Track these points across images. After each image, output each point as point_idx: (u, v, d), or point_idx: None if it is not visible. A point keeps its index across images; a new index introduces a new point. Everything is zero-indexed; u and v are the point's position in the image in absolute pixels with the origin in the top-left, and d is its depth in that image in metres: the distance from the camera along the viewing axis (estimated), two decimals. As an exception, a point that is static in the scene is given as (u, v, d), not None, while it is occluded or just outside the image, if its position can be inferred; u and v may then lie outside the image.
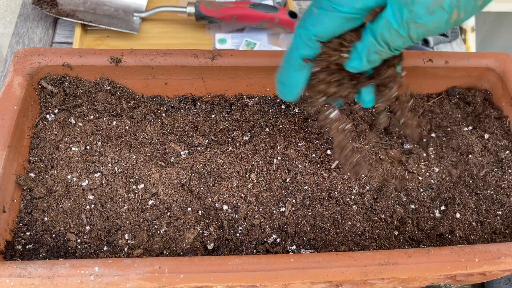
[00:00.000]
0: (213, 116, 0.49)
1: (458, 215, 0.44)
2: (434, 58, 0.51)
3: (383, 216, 0.43)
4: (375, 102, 0.41)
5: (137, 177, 0.43)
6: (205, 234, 0.40)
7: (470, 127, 0.51)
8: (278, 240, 0.41)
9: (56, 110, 0.46)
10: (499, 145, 0.49)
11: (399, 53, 0.36)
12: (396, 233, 0.42)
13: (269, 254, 0.37)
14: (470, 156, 0.48)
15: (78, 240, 0.39)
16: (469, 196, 0.45)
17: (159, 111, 0.49)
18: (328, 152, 0.46)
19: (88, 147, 0.44)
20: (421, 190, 0.45)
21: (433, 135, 0.50)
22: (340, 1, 0.34)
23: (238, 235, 0.41)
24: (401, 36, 0.34)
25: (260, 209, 0.42)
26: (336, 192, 0.44)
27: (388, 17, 0.34)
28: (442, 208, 0.44)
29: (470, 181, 0.46)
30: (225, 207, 0.42)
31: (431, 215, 0.44)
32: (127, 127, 0.46)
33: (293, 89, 0.39)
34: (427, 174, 0.46)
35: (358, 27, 0.35)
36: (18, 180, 0.41)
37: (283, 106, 0.51)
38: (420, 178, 0.46)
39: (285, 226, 0.42)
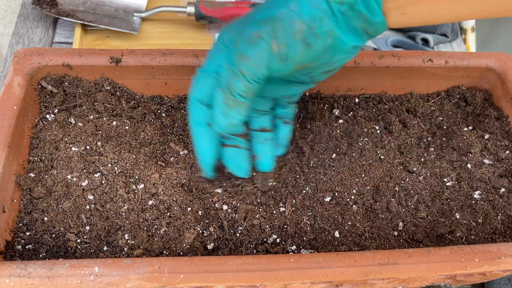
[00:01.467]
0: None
1: (458, 215, 0.44)
2: (434, 58, 0.51)
3: (383, 216, 0.43)
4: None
5: (137, 177, 0.43)
6: (205, 234, 0.40)
7: (470, 127, 0.51)
8: (278, 240, 0.41)
9: (56, 110, 0.46)
10: (499, 145, 0.49)
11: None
12: (396, 233, 0.42)
13: (269, 254, 0.37)
14: (470, 156, 0.48)
15: (78, 240, 0.39)
16: (469, 196, 0.45)
17: (159, 111, 0.49)
18: (332, 155, 0.46)
19: (88, 147, 0.44)
20: (421, 190, 0.45)
21: (433, 135, 0.50)
22: None
23: (238, 235, 0.41)
24: (235, 74, 0.34)
25: (260, 209, 0.42)
26: (336, 192, 0.44)
27: (224, 59, 0.35)
28: (442, 208, 0.44)
29: (470, 181, 0.46)
30: (225, 207, 0.42)
31: (431, 215, 0.44)
32: (127, 127, 0.46)
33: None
34: (428, 174, 0.46)
35: None
36: (18, 180, 0.41)
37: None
38: (420, 178, 0.46)
39: (285, 226, 0.42)
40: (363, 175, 0.45)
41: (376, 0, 0.34)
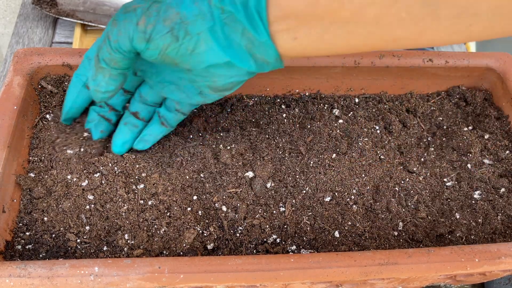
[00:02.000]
0: (213, 116, 0.49)
1: (458, 215, 0.44)
2: (434, 58, 0.51)
3: (383, 216, 0.43)
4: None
5: (136, 177, 0.43)
6: (205, 234, 0.40)
7: (470, 127, 0.51)
8: (278, 240, 0.41)
9: (56, 110, 0.46)
10: (499, 145, 0.49)
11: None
12: (396, 233, 0.42)
13: (269, 254, 0.37)
14: (470, 156, 0.48)
15: (78, 240, 0.39)
16: (469, 196, 0.45)
17: (159, 111, 0.49)
18: (332, 155, 0.46)
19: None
20: (421, 190, 0.45)
21: (433, 135, 0.50)
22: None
23: (238, 235, 0.41)
24: (104, 38, 0.34)
25: (260, 209, 0.42)
26: (336, 192, 0.44)
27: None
28: (442, 208, 0.44)
29: (470, 181, 0.46)
30: (224, 207, 0.42)
31: (431, 215, 0.44)
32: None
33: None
34: (428, 174, 0.46)
35: None
36: (18, 180, 0.40)
37: (283, 106, 0.50)
38: (420, 178, 0.46)
39: (285, 226, 0.41)
40: (363, 175, 0.45)
41: (259, 13, 0.32)
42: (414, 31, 0.31)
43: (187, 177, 0.43)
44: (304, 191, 0.44)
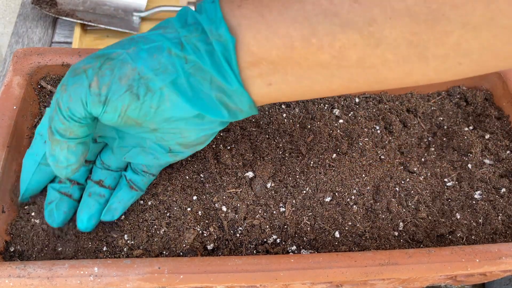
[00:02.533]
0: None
1: (458, 215, 0.44)
2: (435, 58, 0.51)
3: (383, 216, 0.43)
4: None
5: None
6: (205, 235, 0.40)
7: (471, 127, 0.51)
8: (278, 240, 0.41)
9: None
10: (500, 145, 0.49)
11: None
12: (396, 233, 0.42)
13: (269, 255, 0.37)
14: (470, 156, 0.48)
15: (78, 241, 0.39)
16: (470, 196, 0.45)
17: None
18: (332, 155, 0.46)
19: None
20: (422, 190, 0.45)
21: (433, 135, 0.50)
22: None
23: (238, 235, 0.41)
24: (55, 107, 0.31)
25: (260, 210, 0.42)
26: (336, 193, 0.44)
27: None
28: (443, 208, 0.44)
29: (471, 181, 0.46)
30: (224, 207, 0.42)
31: (432, 215, 0.44)
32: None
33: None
34: (428, 174, 0.46)
35: None
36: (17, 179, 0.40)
37: (283, 106, 0.50)
38: (421, 178, 0.46)
39: (285, 227, 0.41)
40: (363, 175, 0.45)
41: (228, 60, 0.29)
42: (401, 72, 0.29)
43: (187, 177, 0.43)
44: (304, 191, 0.43)
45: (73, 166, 0.33)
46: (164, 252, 0.39)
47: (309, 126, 0.48)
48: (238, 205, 0.42)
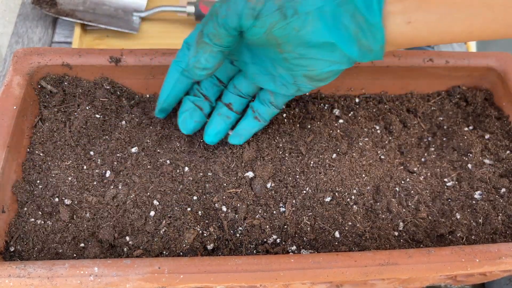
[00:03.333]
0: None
1: (458, 215, 0.44)
2: (435, 58, 0.51)
3: (383, 216, 0.43)
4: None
5: (137, 176, 0.43)
6: (205, 235, 0.40)
7: (471, 127, 0.51)
8: (278, 240, 0.41)
9: (55, 110, 0.46)
10: (500, 145, 0.49)
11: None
12: (396, 233, 0.42)
13: (269, 255, 0.37)
14: (470, 156, 0.48)
15: (78, 241, 0.39)
16: (470, 196, 0.45)
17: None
18: (332, 155, 0.46)
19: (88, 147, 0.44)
20: (422, 190, 0.45)
21: (433, 135, 0.50)
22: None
23: (238, 235, 0.41)
24: (211, 15, 0.34)
25: (260, 210, 0.42)
26: (336, 193, 0.44)
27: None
28: (443, 208, 0.44)
29: (471, 181, 0.46)
30: (224, 207, 0.42)
31: (432, 215, 0.44)
32: (126, 128, 0.46)
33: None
34: (428, 174, 0.46)
35: None
36: (17, 179, 0.40)
37: (283, 106, 0.50)
38: (421, 178, 0.46)
39: (285, 226, 0.41)
40: (363, 175, 0.45)
41: None
42: None
43: (188, 176, 0.43)
44: (304, 191, 0.43)
45: (208, 70, 0.37)
46: (164, 252, 0.39)
47: (309, 126, 0.48)
48: (238, 205, 0.42)
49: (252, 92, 0.44)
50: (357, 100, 0.52)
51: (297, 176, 0.44)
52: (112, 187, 0.42)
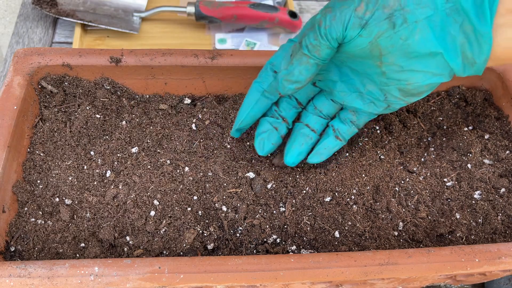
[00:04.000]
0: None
1: (458, 215, 0.44)
2: (434, 58, 0.51)
3: (383, 216, 0.43)
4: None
5: (137, 176, 0.43)
6: (205, 234, 0.40)
7: (470, 127, 0.51)
8: (278, 240, 0.41)
9: (56, 110, 0.46)
10: (499, 145, 0.49)
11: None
12: (396, 233, 0.42)
13: (269, 254, 0.37)
14: (470, 156, 0.48)
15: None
16: (469, 196, 0.45)
17: (159, 111, 0.49)
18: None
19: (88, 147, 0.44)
20: (421, 190, 0.45)
21: (433, 135, 0.50)
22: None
23: (238, 235, 0.41)
24: (312, 26, 0.34)
25: (260, 209, 0.42)
26: (336, 192, 0.44)
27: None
28: (443, 208, 0.44)
29: (470, 181, 0.46)
30: (224, 207, 0.42)
31: (431, 215, 0.44)
32: (127, 128, 0.46)
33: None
34: (428, 174, 0.46)
35: None
36: (18, 179, 0.40)
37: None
38: (421, 178, 0.46)
39: (285, 226, 0.41)
40: (363, 175, 0.45)
41: (491, 3, 0.30)
42: None
43: (188, 176, 0.43)
44: (304, 191, 0.43)
45: (299, 84, 0.36)
46: (164, 252, 0.39)
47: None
48: (238, 205, 0.42)
49: (333, 112, 0.43)
50: (357, 100, 0.52)
51: (297, 176, 0.44)
52: (112, 187, 0.42)
